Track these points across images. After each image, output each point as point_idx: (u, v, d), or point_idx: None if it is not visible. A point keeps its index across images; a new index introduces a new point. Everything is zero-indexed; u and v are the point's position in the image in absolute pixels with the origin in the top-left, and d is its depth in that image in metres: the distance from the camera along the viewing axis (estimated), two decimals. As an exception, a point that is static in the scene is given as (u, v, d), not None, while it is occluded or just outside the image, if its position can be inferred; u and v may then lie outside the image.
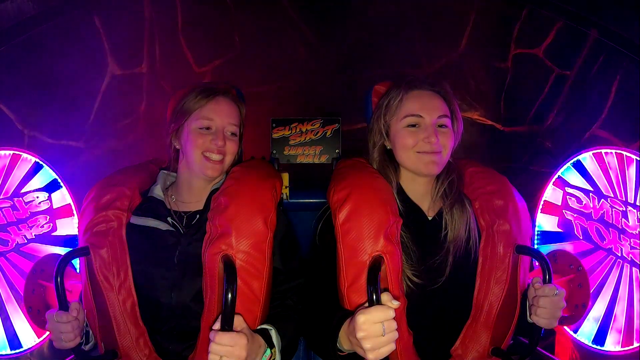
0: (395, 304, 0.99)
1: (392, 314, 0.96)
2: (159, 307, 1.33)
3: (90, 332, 1.38)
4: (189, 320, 1.32)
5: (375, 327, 0.95)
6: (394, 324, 0.97)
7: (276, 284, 1.36)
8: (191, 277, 1.32)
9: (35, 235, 1.95)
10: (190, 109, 1.42)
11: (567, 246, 1.92)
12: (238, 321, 1.12)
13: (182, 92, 1.48)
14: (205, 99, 1.43)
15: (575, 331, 1.89)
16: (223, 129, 1.42)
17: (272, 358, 1.23)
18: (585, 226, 1.87)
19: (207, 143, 1.39)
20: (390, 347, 0.97)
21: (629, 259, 1.75)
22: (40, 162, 1.98)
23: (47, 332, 1.92)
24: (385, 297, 1.00)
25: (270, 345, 1.24)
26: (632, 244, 1.73)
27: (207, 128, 1.41)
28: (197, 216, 1.42)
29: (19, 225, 1.93)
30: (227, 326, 1.08)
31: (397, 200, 1.34)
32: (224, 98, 1.46)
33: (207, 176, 1.41)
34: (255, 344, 1.18)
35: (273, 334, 1.27)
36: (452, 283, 1.31)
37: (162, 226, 1.40)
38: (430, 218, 1.40)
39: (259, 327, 1.28)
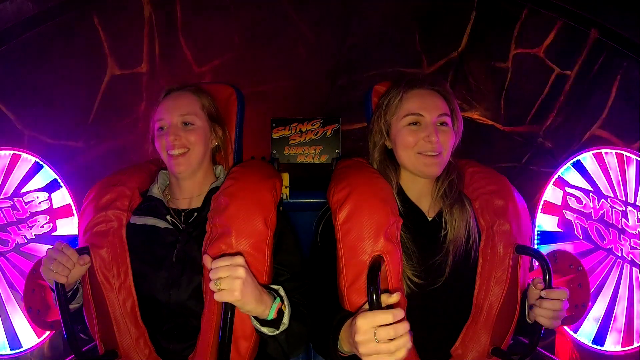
0: (394, 296, 0.99)
1: (391, 318, 0.91)
2: (158, 306, 1.33)
3: (80, 290, 1.38)
4: (188, 319, 1.32)
5: (380, 330, 0.94)
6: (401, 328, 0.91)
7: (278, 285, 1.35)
8: (189, 275, 1.32)
9: (35, 235, 1.95)
10: (153, 114, 1.45)
11: (567, 246, 1.92)
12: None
13: None
14: (160, 101, 1.45)
15: (575, 331, 1.89)
16: (174, 124, 1.41)
17: (282, 310, 1.20)
18: (585, 226, 1.87)
19: (164, 142, 1.39)
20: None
21: (629, 259, 1.75)
22: (40, 162, 1.98)
23: (47, 332, 1.92)
24: (385, 297, 1.00)
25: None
26: (632, 244, 1.73)
27: (161, 128, 1.42)
28: (195, 214, 1.42)
29: (19, 225, 1.93)
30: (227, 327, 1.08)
31: (397, 201, 1.34)
32: (175, 93, 1.47)
33: (178, 173, 1.40)
34: (258, 287, 1.14)
35: (282, 292, 1.23)
36: (452, 283, 1.31)
37: (161, 224, 1.40)
38: (430, 219, 1.40)
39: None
